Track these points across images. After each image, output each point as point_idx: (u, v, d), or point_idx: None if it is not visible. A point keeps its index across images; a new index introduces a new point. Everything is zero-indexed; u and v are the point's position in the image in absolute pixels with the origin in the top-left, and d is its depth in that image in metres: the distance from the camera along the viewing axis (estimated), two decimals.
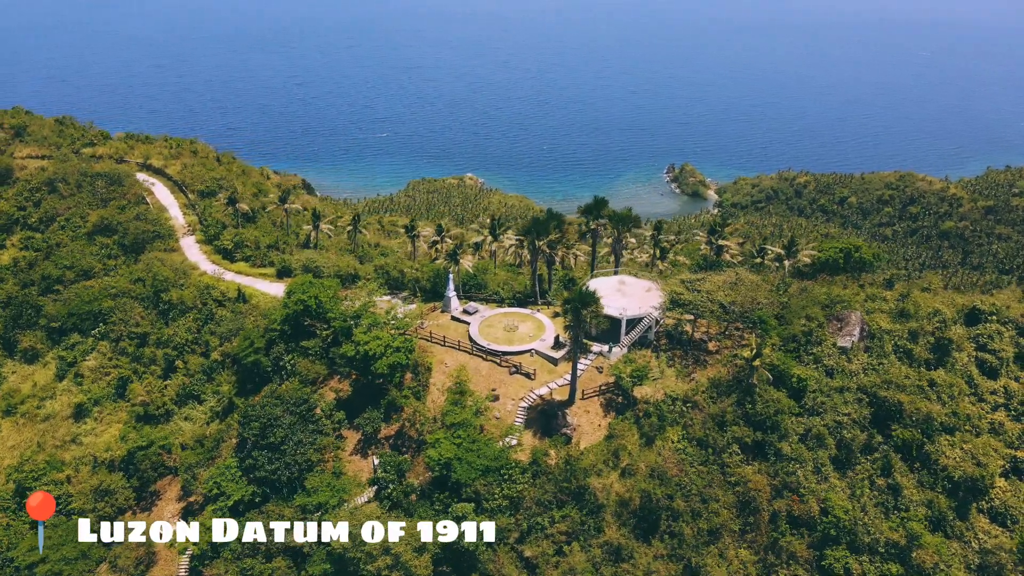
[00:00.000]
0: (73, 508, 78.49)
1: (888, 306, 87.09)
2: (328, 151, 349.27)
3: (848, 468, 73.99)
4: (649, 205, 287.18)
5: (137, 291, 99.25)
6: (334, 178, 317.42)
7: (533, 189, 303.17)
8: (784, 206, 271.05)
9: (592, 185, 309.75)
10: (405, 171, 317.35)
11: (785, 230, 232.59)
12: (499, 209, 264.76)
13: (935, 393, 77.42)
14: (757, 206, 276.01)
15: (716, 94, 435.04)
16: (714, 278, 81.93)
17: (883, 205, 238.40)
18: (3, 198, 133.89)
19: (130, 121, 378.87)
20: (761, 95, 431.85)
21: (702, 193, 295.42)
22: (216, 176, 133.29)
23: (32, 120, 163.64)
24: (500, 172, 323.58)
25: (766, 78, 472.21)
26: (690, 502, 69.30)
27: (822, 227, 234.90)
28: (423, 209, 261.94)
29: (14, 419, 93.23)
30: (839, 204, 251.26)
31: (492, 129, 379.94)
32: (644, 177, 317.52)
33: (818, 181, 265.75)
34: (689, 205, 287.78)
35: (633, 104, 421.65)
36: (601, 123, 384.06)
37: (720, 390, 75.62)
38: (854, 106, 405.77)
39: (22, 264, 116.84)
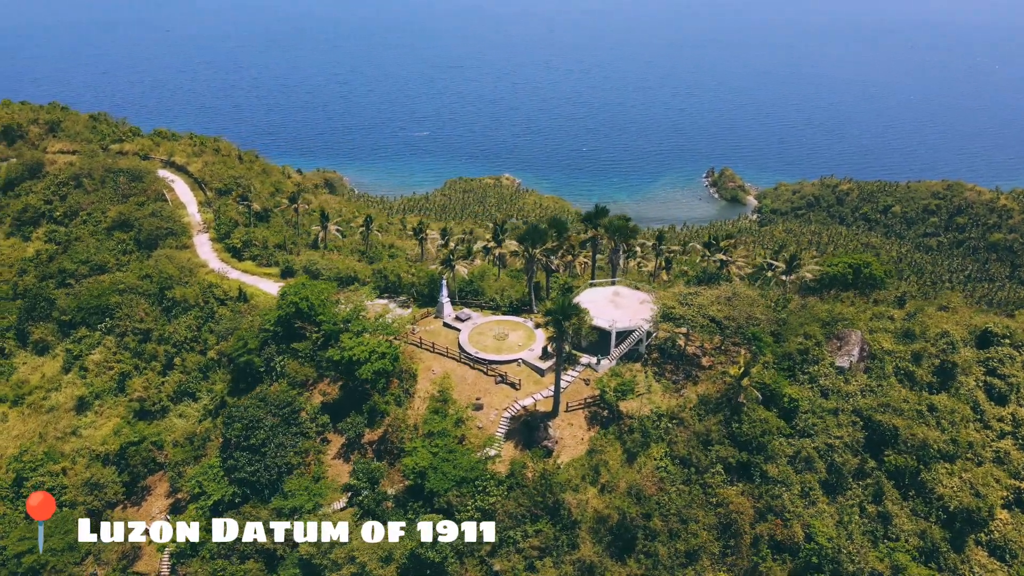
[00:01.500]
0: (65, 500, 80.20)
1: (894, 325, 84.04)
2: (368, 149, 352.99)
3: (838, 493, 71.57)
4: (686, 209, 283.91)
5: (144, 287, 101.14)
6: (373, 176, 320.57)
7: (570, 191, 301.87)
8: (825, 213, 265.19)
9: (629, 188, 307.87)
10: (443, 170, 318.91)
11: (824, 238, 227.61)
12: (533, 210, 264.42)
13: (935, 418, 74.37)
14: (797, 213, 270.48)
15: (761, 98, 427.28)
16: (707, 292, 79.90)
17: (929, 215, 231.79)
18: (32, 192, 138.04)
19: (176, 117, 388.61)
20: (808, 100, 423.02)
21: (741, 198, 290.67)
22: (235, 174, 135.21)
23: (67, 116, 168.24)
24: (537, 173, 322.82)
25: (814, 83, 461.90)
26: (668, 522, 67.68)
27: (863, 236, 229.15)
28: (458, 208, 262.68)
29: (20, 409, 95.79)
30: (883, 213, 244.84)
31: (531, 129, 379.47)
32: (682, 181, 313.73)
33: (861, 189, 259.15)
34: (727, 210, 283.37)
35: (675, 107, 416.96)
36: (641, 126, 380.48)
37: (708, 408, 73.77)
38: (904, 113, 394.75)
39: (43, 257, 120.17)
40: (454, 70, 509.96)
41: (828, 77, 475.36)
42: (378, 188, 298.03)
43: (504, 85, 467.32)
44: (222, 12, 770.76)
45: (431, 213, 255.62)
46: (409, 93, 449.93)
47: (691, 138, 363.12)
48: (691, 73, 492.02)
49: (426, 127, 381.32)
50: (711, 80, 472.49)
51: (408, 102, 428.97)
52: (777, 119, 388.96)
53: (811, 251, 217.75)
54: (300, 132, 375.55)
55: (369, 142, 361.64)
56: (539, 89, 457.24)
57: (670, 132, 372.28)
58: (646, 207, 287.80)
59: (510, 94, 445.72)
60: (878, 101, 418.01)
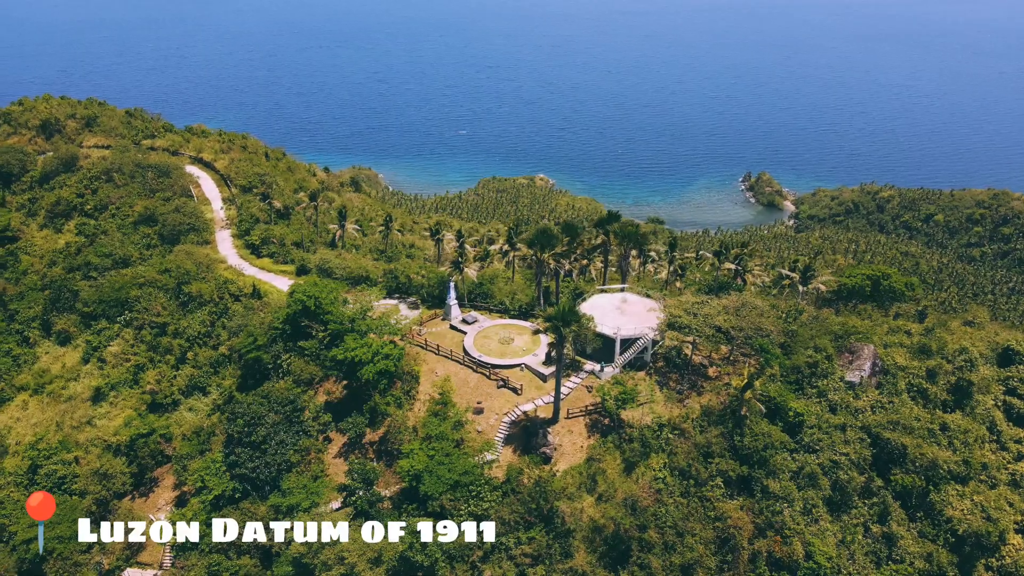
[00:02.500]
0: (75, 489, 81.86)
1: (911, 341, 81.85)
2: (404, 147, 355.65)
3: (842, 512, 69.80)
4: (721, 214, 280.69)
5: (163, 281, 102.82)
6: (408, 174, 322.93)
7: (603, 192, 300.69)
8: (864, 221, 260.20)
9: (663, 191, 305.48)
10: (478, 169, 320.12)
11: (862, 246, 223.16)
12: (566, 211, 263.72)
13: (947, 438, 72.23)
14: (835, 219, 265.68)
15: (803, 103, 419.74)
16: (715, 302, 78.50)
17: (972, 224, 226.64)
18: (66, 185, 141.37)
19: (217, 113, 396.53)
20: (851, 105, 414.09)
21: (778, 204, 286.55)
22: (259, 171, 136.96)
23: (104, 111, 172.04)
24: (572, 174, 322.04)
25: (859, 87, 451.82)
26: (664, 534, 66.62)
27: (903, 245, 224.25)
28: (490, 208, 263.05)
29: (40, 398, 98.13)
30: (924, 221, 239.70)
31: (567, 130, 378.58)
32: (718, 185, 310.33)
33: (903, 196, 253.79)
34: (763, 215, 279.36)
35: (713, 110, 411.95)
36: (678, 128, 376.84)
37: (711, 419, 72.52)
38: (953, 119, 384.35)
39: (71, 249, 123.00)
40: (492, 70, 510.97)
41: (875, 82, 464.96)
42: (413, 186, 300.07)
43: (541, 85, 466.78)
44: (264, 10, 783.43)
45: (463, 212, 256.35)
46: (447, 92, 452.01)
47: (729, 142, 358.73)
48: (732, 75, 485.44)
49: (463, 126, 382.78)
50: (752, 83, 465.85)
51: (445, 101, 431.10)
52: (819, 124, 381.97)
53: (847, 259, 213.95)
54: (338, 129, 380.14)
55: (405, 140, 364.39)
56: (576, 90, 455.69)
57: (707, 135, 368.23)
58: (680, 211, 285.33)
59: (547, 94, 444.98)
60: (926, 106, 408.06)
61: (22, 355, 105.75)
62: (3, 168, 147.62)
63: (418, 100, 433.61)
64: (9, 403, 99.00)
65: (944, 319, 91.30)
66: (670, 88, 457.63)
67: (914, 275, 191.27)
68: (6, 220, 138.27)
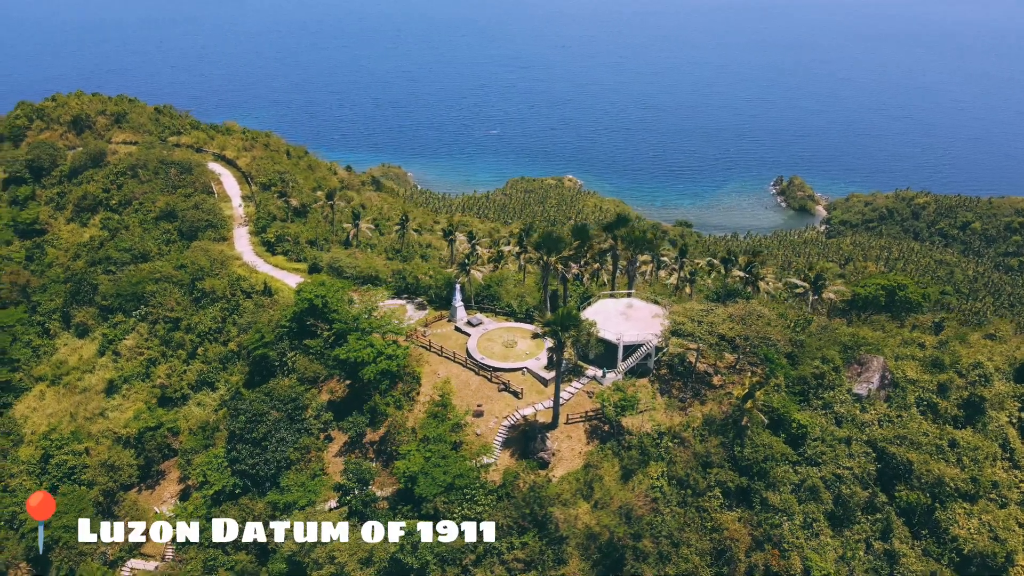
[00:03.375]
0: (84, 479, 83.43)
1: (924, 354, 79.80)
2: (434, 146, 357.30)
3: (844, 527, 68.34)
4: (751, 218, 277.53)
5: (178, 277, 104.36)
6: (437, 173, 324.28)
7: (632, 194, 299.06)
8: (898, 228, 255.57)
9: (693, 194, 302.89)
10: (506, 169, 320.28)
11: (894, 253, 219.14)
12: (593, 212, 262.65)
13: (955, 455, 70.25)
14: (868, 226, 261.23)
15: (839, 107, 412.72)
16: (720, 309, 77.33)
17: (1011, 233, 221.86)
18: (93, 180, 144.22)
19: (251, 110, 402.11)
20: (889, 109, 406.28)
21: (810, 208, 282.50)
22: (279, 169, 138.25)
23: (133, 107, 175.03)
24: (601, 175, 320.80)
25: (898, 92, 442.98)
26: (659, 544, 65.83)
27: (937, 253, 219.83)
28: (517, 208, 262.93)
29: (57, 388, 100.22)
30: (961, 229, 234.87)
31: (597, 131, 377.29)
32: (749, 188, 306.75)
33: (939, 203, 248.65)
34: (794, 220, 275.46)
35: (747, 113, 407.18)
36: (710, 131, 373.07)
37: (712, 429, 71.49)
38: (993, 125, 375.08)
39: (95, 243, 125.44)
40: (524, 70, 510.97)
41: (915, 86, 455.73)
42: (441, 185, 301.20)
43: (572, 86, 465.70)
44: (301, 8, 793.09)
45: (490, 212, 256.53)
46: (478, 92, 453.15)
47: (761, 145, 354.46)
48: (767, 77, 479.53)
49: (494, 126, 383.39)
50: (788, 85, 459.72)
51: (476, 101, 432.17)
52: (854, 128, 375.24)
53: (879, 266, 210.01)
54: (369, 127, 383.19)
55: (436, 139, 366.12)
56: (607, 91, 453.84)
57: (739, 138, 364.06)
58: (709, 214, 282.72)
59: (578, 95, 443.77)
60: (967, 112, 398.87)
61: (42, 346, 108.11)
62: (34, 162, 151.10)
63: (449, 99, 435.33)
64: (27, 393, 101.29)
65: (963, 331, 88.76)
66: (702, 90, 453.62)
67: (948, 284, 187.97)
68: (35, 213, 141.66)
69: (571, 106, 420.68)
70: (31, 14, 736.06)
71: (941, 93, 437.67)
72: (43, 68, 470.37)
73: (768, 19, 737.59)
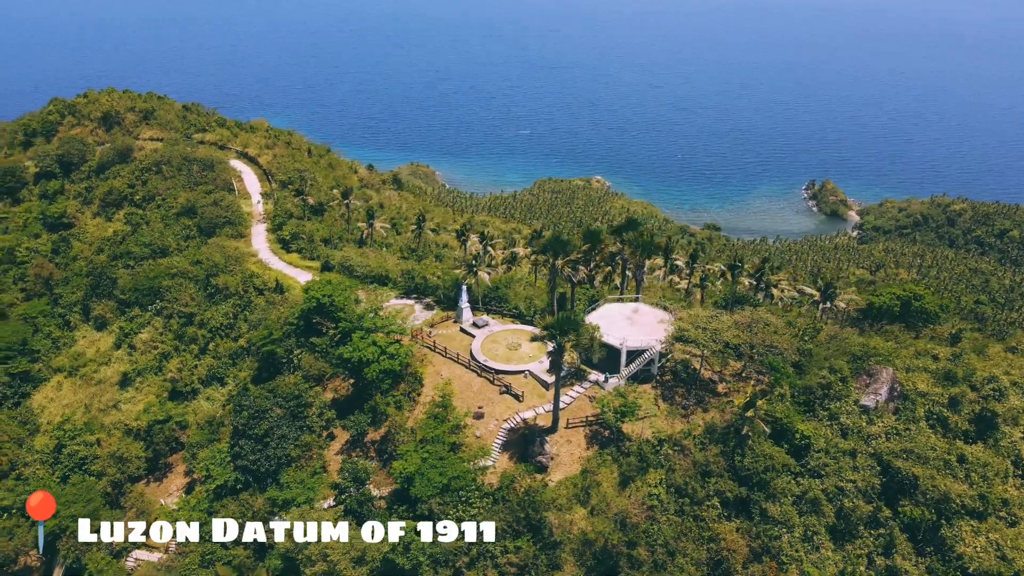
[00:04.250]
0: (94, 470, 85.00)
1: (936, 365, 77.89)
2: (463, 145, 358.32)
3: (846, 541, 66.94)
4: (781, 222, 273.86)
5: (194, 273, 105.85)
6: (465, 172, 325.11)
7: (661, 196, 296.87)
8: (933, 234, 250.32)
9: (722, 197, 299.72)
10: (535, 169, 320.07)
11: (928, 260, 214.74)
12: (619, 214, 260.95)
13: (963, 470, 68.38)
14: (902, 232, 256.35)
15: (876, 111, 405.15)
16: (725, 316, 76.29)
17: None
18: (119, 175, 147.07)
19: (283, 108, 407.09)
20: (928, 114, 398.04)
21: (842, 213, 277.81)
22: (299, 167, 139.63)
23: (162, 105, 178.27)
24: (629, 176, 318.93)
25: (936, 97, 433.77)
26: (654, 552, 65.14)
27: (972, 261, 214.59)
28: (544, 209, 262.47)
29: (74, 380, 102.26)
30: (998, 237, 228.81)
31: (626, 133, 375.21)
32: (780, 192, 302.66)
33: (976, 210, 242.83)
34: (826, 225, 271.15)
35: (780, 116, 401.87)
36: (742, 133, 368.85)
37: (713, 437, 70.56)
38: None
39: (117, 237, 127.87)
40: (554, 70, 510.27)
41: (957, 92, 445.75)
42: (469, 185, 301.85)
43: (602, 87, 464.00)
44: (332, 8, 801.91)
45: (517, 212, 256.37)
46: (508, 92, 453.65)
47: (794, 148, 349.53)
48: (803, 81, 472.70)
49: (524, 126, 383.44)
50: (823, 88, 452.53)
51: (506, 101, 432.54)
52: (891, 132, 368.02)
53: (911, 273, 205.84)
54: (398, 126, 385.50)
55: (464, 139, 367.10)
56: (638, 91, 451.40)
57: (771, 141, 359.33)
58: (738, 217, 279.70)
59: (608, 96, 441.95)
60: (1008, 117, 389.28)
61: (61, 338, 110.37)
62: (64, 157, 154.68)
63: (479, 99, 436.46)
64: (45, 383, 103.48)
65: (983, 343, 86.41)
66: (735, 91, 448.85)
67: (983, 293, 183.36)
68: (63, 207, 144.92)
69: (600, 107, 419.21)
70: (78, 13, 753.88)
71: (981, 97, 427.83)
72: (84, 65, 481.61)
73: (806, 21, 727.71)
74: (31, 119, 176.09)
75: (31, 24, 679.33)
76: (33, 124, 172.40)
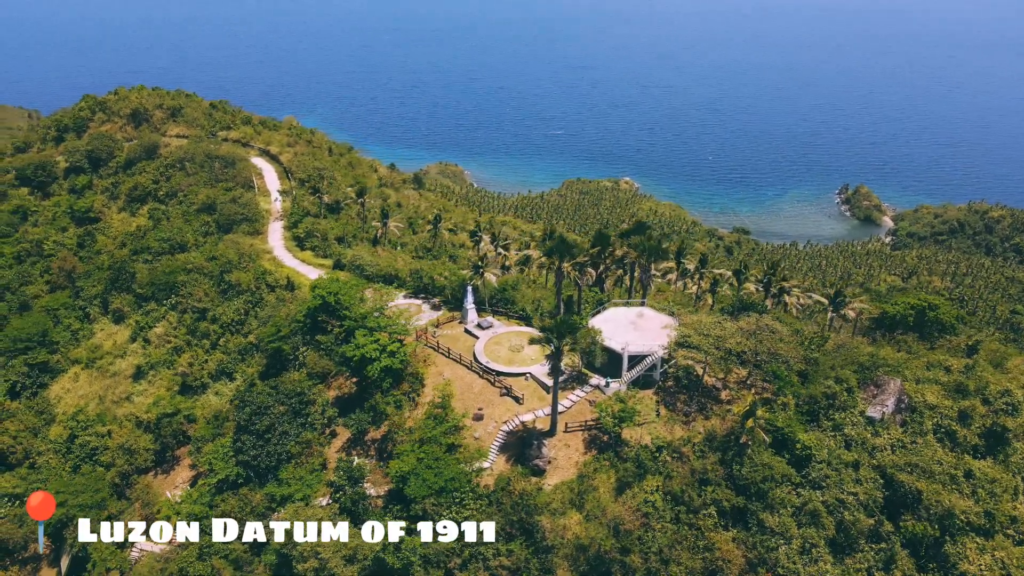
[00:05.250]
0: (104, 460, 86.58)
1: (949, 378, 75.98)
2: (492, 145, 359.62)
3: (846, 555, 65.54)
4: (812, 227, 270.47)
5: (209, 268, 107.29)
6: (494, 172, 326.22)
7: (690, 199, 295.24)
8: (970, 242, 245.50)
9: (752, 200, 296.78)
10: (563, 170, 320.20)
11: (962, 268, 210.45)
12: (647, 216, 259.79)
13: (970, 486, 66.63)
14: (937, 239, 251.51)
15: (915, 115, 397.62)
16: (729, 323, 75.19)
17: None
18: (145, 171, 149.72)
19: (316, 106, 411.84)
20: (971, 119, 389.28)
21: (876, 219, 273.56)
22: (319, 166, 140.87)
23: (189, 102, 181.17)
24: (659, 178, 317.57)
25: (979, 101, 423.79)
26: (648, 560, 64.39)
27: (1009, 270, 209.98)
28: (571, 210, 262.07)
29: (91, 371, 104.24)
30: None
31: (656, 134, 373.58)
32: (812, 196, 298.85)
33: (1015, 217, 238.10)
34: (858, 230, 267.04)
35: (814, 119, 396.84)
36: (774, 136, 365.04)
37: (713, 445, 69.60)
38: None
39: (139, 232, 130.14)
40: (586, 71, 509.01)
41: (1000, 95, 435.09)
42: (497, 184, 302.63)
43: (634, 88, 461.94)
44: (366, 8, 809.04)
45: (543, 213, 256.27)
46: (538, 92, 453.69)
47: (827, 152, 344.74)
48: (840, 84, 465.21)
49: (554, 127, 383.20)
50: (860, 91, 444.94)
51: (537, 101, 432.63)
52: (931, 138, 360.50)
53: (944, 281, 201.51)
54: (429, 125, 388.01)
55: (494, 139, 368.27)
56: (669, 93, 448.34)
57: (805, 144, 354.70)
58: (768, 221, 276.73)
59: (639, 97, 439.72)
60: None
61: (80, 330, 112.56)
62: (93, 153, 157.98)
63: (509, 99, 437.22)
64: (63, 375, 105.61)
65: (1001, 354, 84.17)
66: (768, 94, 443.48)
67: (1019, 303, 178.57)
68: (90, 202, 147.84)
69: (632, 108, 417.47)
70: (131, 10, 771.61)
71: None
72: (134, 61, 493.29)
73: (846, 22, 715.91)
74: (63, 115, 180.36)
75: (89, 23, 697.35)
76: (65, 120, 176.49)
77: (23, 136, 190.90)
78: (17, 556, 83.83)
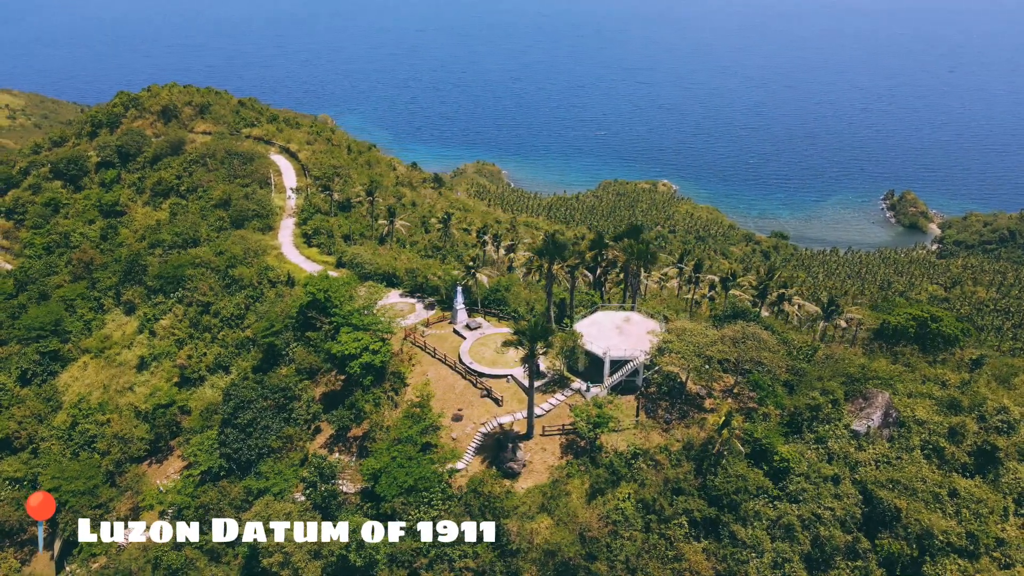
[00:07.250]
0: (100, 448, 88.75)
1: (944, 393, 73.35)
2: (530, 145, 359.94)
3: (822, 571, 63.69)
4: (855, 233, 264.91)
5: (216, 263, 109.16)
6: (531, 172, 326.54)
7: (729, 202, 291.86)
8: (1021, 251, 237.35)
9: (793, 204, 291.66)
10: (600, 171, 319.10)
11: (1009, 279, 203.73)
12: (683, 219, 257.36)
13: (953, 506, 64.16)
14: (986, 248, 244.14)
15: (968, 121, 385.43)
16: (711, 331, 73.64)
17: None
18: (170, 167, 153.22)
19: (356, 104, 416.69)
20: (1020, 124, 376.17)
21: (922, 226, 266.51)
22: (335, 164, 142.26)
23: (218, 99, 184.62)
24: (698, 181, 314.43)
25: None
26: (614, 568, 63.48)
27: None
28: (606, 211, 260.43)
29: (99, 361, 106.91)
30: None
31: (698, 136, 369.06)
32: (856, 202, 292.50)
33: None
34: (903, 238, 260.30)
35: (862, 123, 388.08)
36: (819, 140, 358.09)
37: (689, 454, 68.26)
38: None
39: (157, 226, 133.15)
40: (628, 72, 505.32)
41: None
42: (534, 184, 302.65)
43: (677, 90, 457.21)
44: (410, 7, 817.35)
45: (578, 213, 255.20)
46: (580, 94, 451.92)
47: (874, 157, 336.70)
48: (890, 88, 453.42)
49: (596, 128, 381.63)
50: (913, 98, 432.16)
51: (578, 103, 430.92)
52: (984, 145, 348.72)
53: (990, 291, 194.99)
54: (468, 125, 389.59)
55: (532, 139, 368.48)
56: (713, 95, 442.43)
57: (851, 149, 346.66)
58: (809, 226, 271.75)
59: (682, 99, 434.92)
60: None
61: (93, 320, 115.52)
62: (123, 148, 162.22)
63: (550, 100, 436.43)
64: (73, 363, 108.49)
65: (1009, 369, 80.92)
66: (816, 97, 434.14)
67: None
68: (117, 196, 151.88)
69: (675, 110, 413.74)
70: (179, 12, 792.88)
71: None
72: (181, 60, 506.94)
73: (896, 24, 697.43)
74: (98, 111, 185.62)
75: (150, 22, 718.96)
76: (100, 116, 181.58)
77: (59, 131, 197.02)
78: (16, 538, 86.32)
